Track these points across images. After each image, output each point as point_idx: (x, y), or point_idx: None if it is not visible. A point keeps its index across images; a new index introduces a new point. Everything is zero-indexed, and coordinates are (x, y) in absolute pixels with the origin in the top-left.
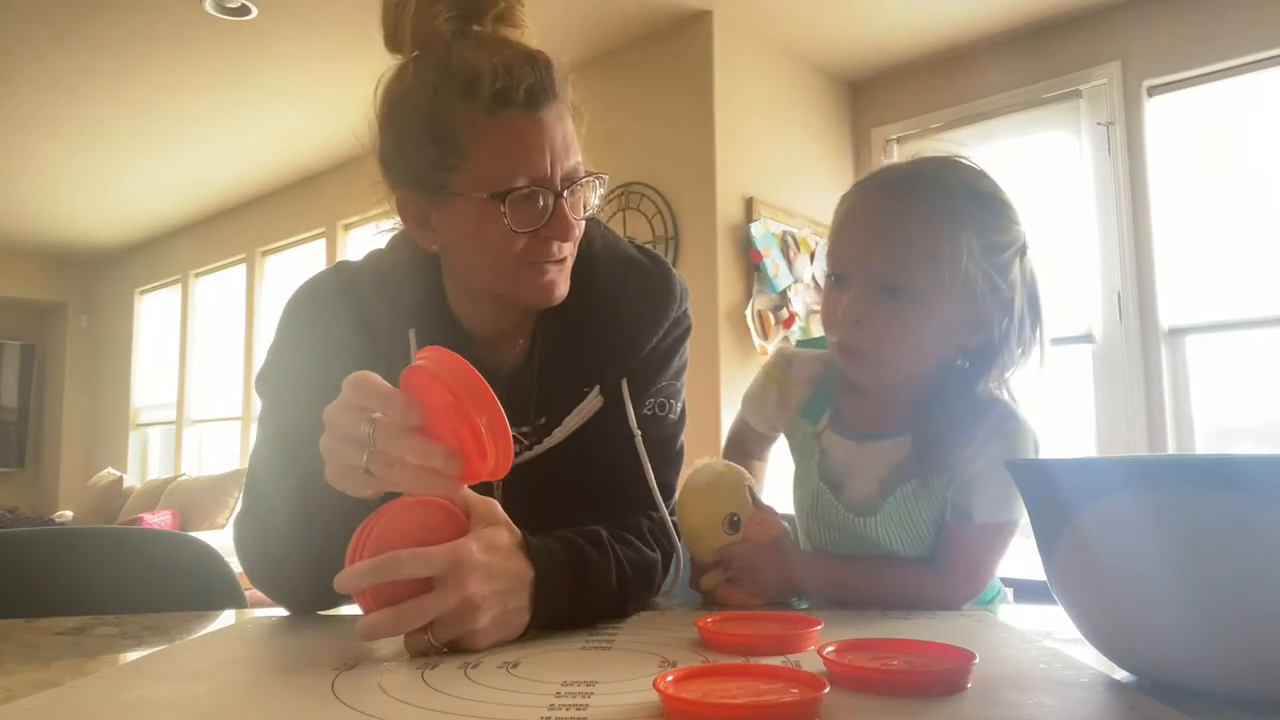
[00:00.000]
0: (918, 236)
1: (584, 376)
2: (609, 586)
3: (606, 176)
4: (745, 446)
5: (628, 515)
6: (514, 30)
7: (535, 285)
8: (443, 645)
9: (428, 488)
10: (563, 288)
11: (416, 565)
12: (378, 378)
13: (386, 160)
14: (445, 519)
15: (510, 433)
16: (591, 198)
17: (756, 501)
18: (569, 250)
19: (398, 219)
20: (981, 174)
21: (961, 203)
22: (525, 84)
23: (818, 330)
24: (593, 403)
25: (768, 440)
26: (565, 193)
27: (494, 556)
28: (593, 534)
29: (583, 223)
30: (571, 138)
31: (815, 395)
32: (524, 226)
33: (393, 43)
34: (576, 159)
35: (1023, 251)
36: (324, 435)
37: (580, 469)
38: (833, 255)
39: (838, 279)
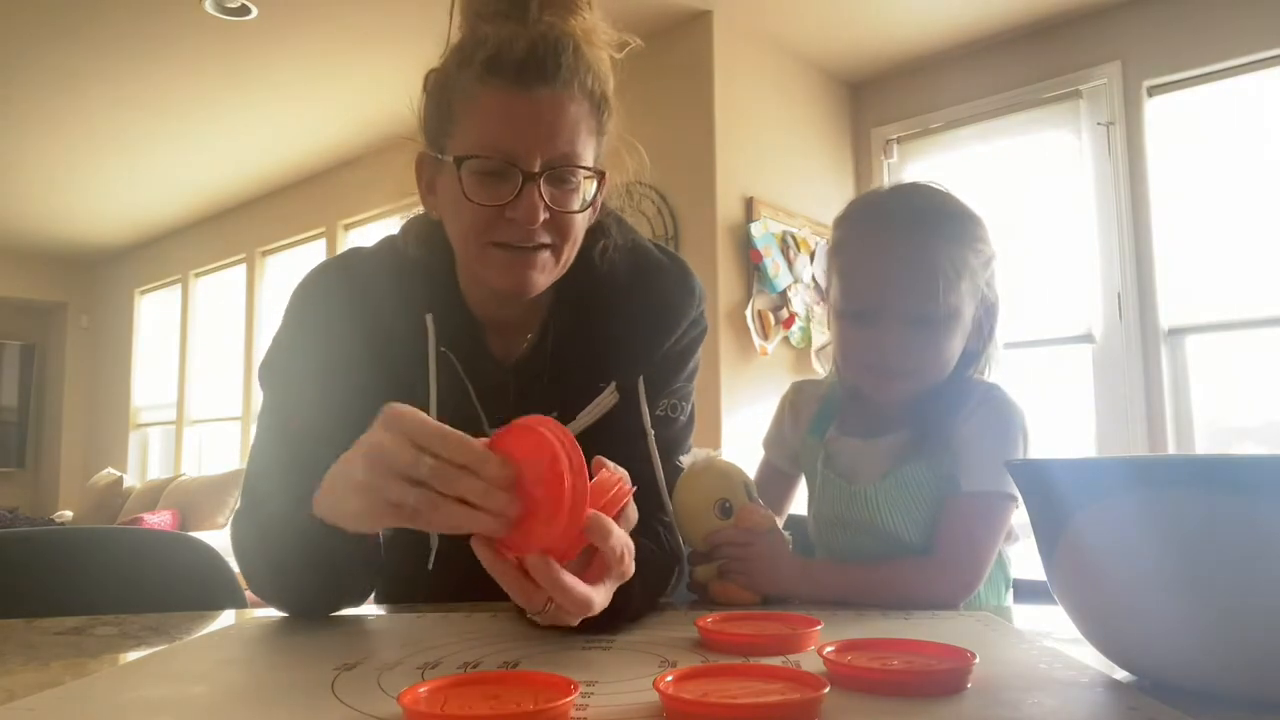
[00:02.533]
0: (940, 267)
1: (599, 373)
2: (640, 612)
3: (604, 173)
4: (766, 491)
5: (640, 518)
6: (573, 16)
7: (501, 270)
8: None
9: (472, 528)
10: (536, 281)
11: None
12: (422, 414)
13: (421, 120)
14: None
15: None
16: (585, 193)
17: (752, 497)
18: (545, 240)
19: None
20: (953, 195)
21: (960, 226)
22: (517, 58)
23: (817, 331)
24: (608, 399)
25: (790, 481)
26: (543, 179)
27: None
28: (638, 557)
29: (576, 218)
30: (571, 127)
31: (823, 411)
32: (483, 199)
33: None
34: (570, 149)
35: (996, 259)
36: (358, 468)
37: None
38: (854, 295)
39: (860, 316)
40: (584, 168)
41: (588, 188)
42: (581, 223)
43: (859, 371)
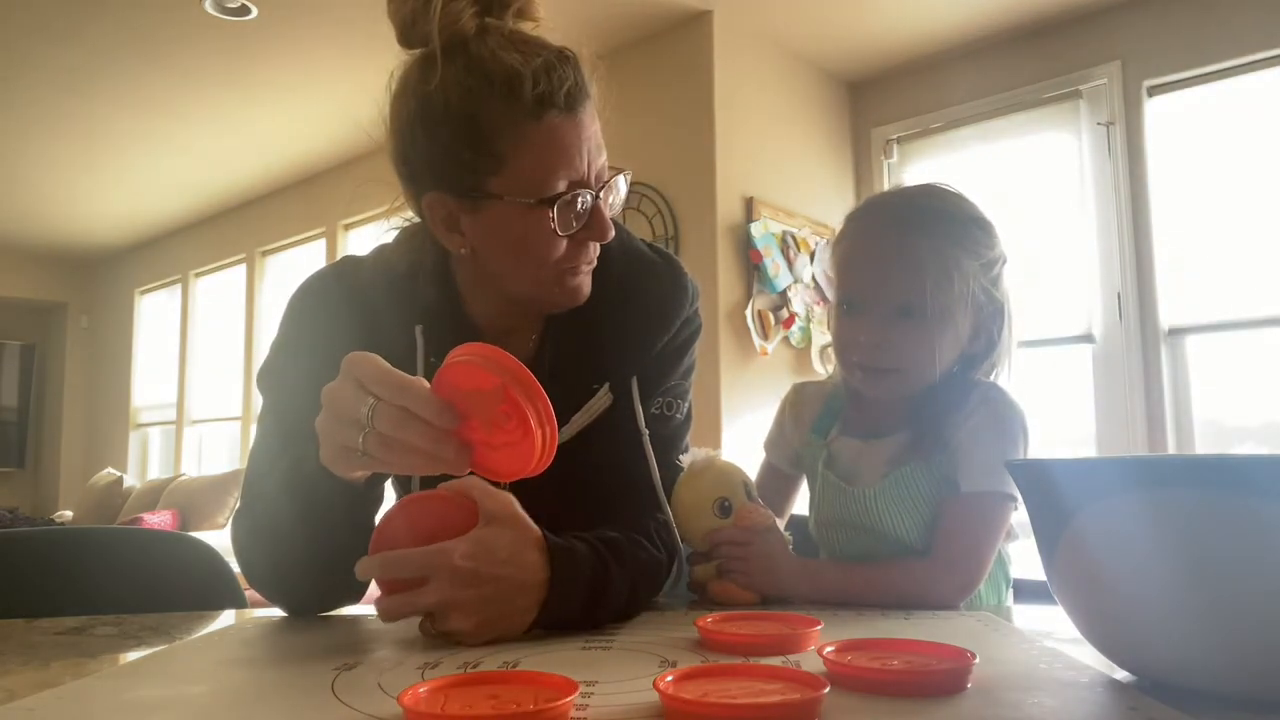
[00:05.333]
0: (928, 263)
1: (594, 374)
2: (622, 600)
3: (630, 172)
4: (767, 493)
5: (634, 516)
6: (529, 23)
7: (567, 288)
8: (439, 634)
9: (430, 470)
10: (588, 288)
11: (399, 567)
12: (380, 359)
13: (410, 161)
14: (455, 513)
15: (556, 426)
16: (621, 194)
17: (751, 497)
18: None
19: (403, 217)
20: (964, 197)
21: (961, 229)
22: (566, 86)
23: (817, 331)
24: (602, 400)
25: (791, 483)
26: (600, 192)
27: (482, 561)
28: (615, 545)
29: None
30: (600, 135)
31: (825, 412)
32: (567, 230)
33: (407, 39)
34: (604, 156)
35: (1005, 264)
36: (320, 414)
37: (587, 467)
38: (845, 286)
39: (850, 306)
40: (617, 169)
41: (618, 188)
42: None
43: (849, 365)
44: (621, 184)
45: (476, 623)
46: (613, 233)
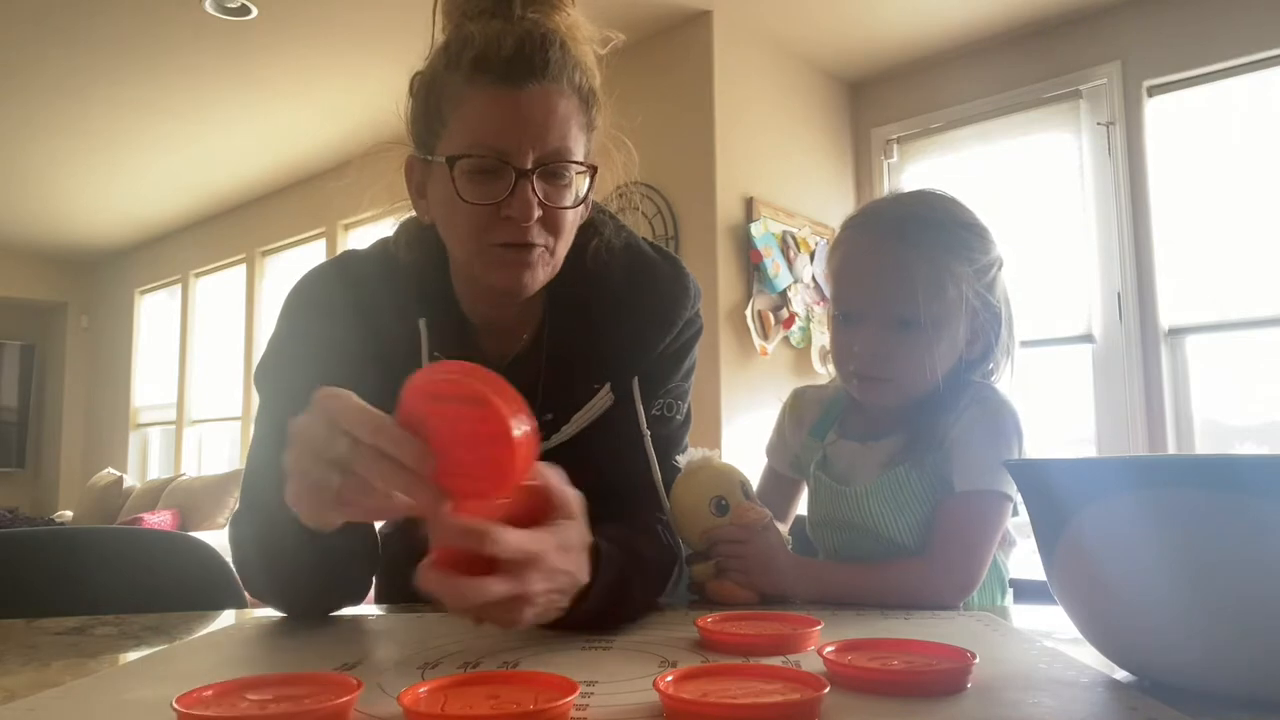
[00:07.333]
0: (923, 275)
1: (594, 374)
2: (640, 608)
3: (596, 168)
4: (770, 497)
5: (639, 516)
6: (557, 12)
7: (497, 268)
8: (481, 621)
9: (397, 515)
10: (531, 278)
11: (496, 545)
12: (354, 396)
13: (407, 124)
14: (530, 499)
15: (536, 423)
16: (578, 189)
17: (749, 496)
18: (539, 238)
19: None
20: (957, 203)
21: (953, 236)
22: (504, 55)
23: (817, 331)
24: (603, 400)
25: (794, 487)
26: (536, 175)
27: (562, 558)
28: (635, 551)
29: (569, 214)
30: (562, 123)
31: (824, 416)
32: (477, 198)
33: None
34: (561, 144)
35: (1001, 267)
36: (291, 453)
37: (587, 467)
38: (841, 298)
39: (846, 317)
40: (576, 163)
41: (580, 183)
42: (574, 219)
43: (846, 374)
44: (579, 178)
45: (531, 617)
46: (533, 215)
